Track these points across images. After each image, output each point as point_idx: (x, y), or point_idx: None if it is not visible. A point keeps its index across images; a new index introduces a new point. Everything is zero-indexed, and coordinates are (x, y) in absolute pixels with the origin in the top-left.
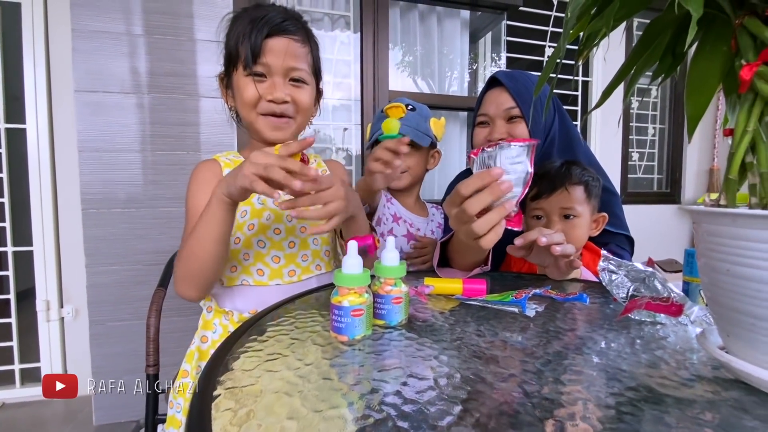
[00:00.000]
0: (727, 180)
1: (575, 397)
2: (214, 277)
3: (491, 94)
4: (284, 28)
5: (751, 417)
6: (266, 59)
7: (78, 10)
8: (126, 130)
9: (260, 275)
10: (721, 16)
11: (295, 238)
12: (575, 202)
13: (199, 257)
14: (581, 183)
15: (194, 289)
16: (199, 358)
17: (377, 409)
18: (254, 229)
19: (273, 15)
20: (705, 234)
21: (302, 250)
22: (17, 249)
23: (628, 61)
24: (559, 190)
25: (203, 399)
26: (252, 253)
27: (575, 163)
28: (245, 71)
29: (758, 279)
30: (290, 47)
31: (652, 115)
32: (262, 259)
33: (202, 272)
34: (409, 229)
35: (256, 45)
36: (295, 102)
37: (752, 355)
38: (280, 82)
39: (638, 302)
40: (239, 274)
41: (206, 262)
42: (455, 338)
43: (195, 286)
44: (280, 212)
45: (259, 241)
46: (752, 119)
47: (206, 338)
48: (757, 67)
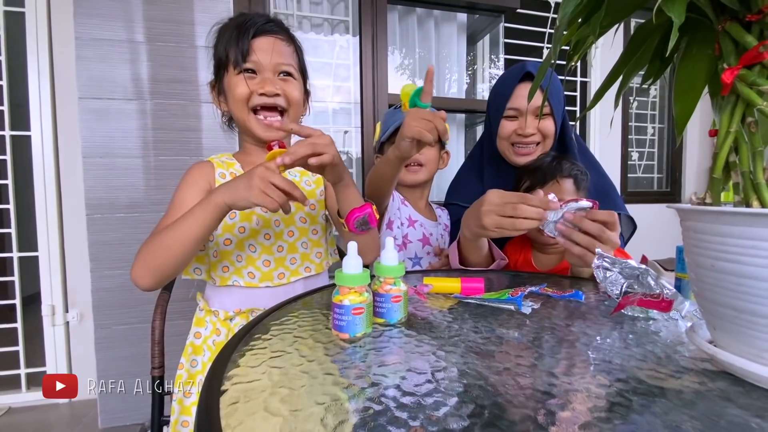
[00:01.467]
0: (712, 179)
1: (566, 388)
2: (176, 273)
3: (523, 88)
4: (269, 29)
5: (734, 406)
6: (255, 57)
7: (81, 18)
8: (129, 136)
9: (251, 278)
10: (706, 21)
11: (282, 243)
12: (566, 194)
13: (171, 251)
14: (571, 176)
15: (152, 280)
16: (193, 352)
17: (377, 401)
18: (245, 233)
19: (257, 18)
20: (691, 231)
21: (290, 254)
22: (23, 254)
23: (618, 64)
24: (551, 183)
25: (211, 393)
26: (244, 256)
27: (564, 157)
28: (236, 70)
29: (740, 274)
30: (276, 45)
31: (651, 114)
32: (254, 263)
33: (169, 266)
34: (424, 233)
35: (245, 44)
36: (286, 95)
37: (737, 347)
38: (270, 76)
39: (631, 298)
40: (231, 275)
41: (177, 257)
42: (453, 335)
43: (155, 278)
44: (267, 217)
45: (250, 245)
46: (734, 120)
47: (199, 334)
48: (738, 70)
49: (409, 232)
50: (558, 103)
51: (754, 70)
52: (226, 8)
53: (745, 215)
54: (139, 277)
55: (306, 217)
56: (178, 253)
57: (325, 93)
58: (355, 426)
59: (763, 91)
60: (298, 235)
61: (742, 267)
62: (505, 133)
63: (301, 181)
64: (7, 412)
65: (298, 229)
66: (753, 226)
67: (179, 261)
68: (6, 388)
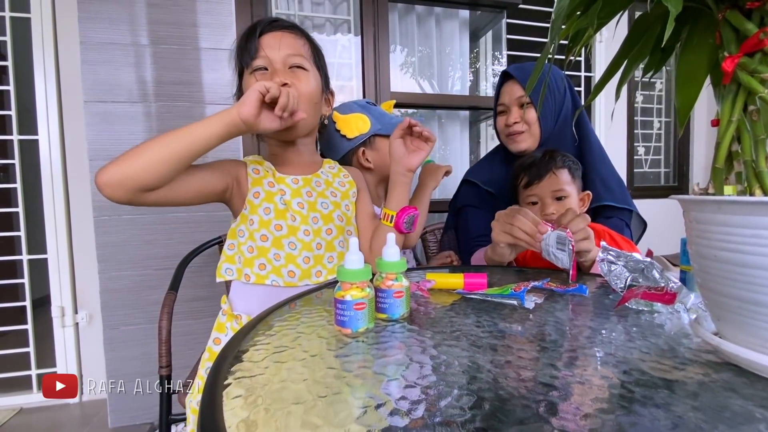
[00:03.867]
0: (714, 169)
1: (568, 380)
2: (151, 186)
3: (506, 86)
4: (276, 26)
5: (738, 396)
6: (264, 53)
7: (86, 23)
8: (134, 138)
9: (291, 276)
10: (706, 10)
11: (321, 240)
12: (564, 184)
13: (158, 154)
14: (565, 166)
15: (122, 190)
16: (209, 359)
17: (378, 394)
18: (283, 230)
19: (265, 19)
20: (694, 222)
21: (328, 252)
22: (32, 257)
23: (618, 56)
24: (548, 176)
25: (215, 388)
26: (283, 255)
27: (555, 150)
28: (248, 71)
29: (743, 263)
30: (284, 38)
31: (657, 108)
32: (294, 260)
33: (146, 173)
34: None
35: (252, 44)
36: (296, 87)
37: (741, 338)
38: (281, 69)
39: (635, 292)
40: (269, 273)
41: (161, 164)
42: (455, 329)
43: (126, 185)
44: (305, 214)
45: (290, 243)
46: (736, 109)
47: (219, 340)
48: (738, 58)
49: None
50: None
51: (755, 57)
52: (229, 10)
53: (747, 204)
54: (110, 184)
55: (342, 216)
56: (165, 159)
57: None
58: (358, 418)
59: (764, 79)
60: (335, 233)
61: (744, 257)
62: (500, 127)
63: (334, 182)
64: (19, 412)
65: (336, 227)
66: (754, 215)
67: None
68: (17, 389)
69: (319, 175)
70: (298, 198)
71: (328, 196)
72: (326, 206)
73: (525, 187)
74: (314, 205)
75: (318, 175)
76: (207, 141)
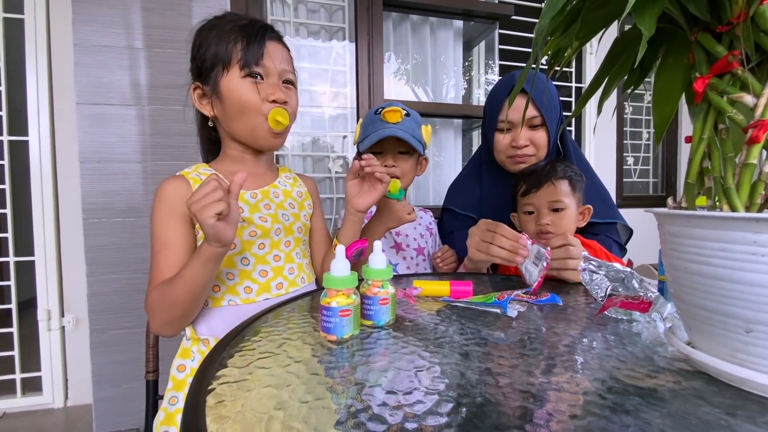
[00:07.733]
0: (687, 184)
1: (544, 387)
2: (195, 314)
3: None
4: (276, 36)
5: (707, 404)
6: (265, 61)
7: (79, 25)
8: (126, 141)
9: (248, 293)
10: (681, 32)
11: (279, 252)
12: (562, 195)
13: (185, 303)
14: (566, 177)
15: (176, 329)
16: (174, 388)
17: (359, 399)
18: (236, 248)
19: (260, 21)
20: (667, 234)
21: (288, 263)
22: (19, 259)
23: (599, 74)
24: (546, 185)
25: (199, 392)
26: (236, 273)
27: (558, 160)
28: (242, 72)
29: (713, 276)
30: (283, 52)
31: (646, 120)
32: (249, 276)
33: (187, 315)
34: (396, 239)
35: (259, 48)
36: (290, 105)
37: (711, 347)
38: (277, 83)
39: (614, 300)
40: (224, 294)
41: (193, 305)
42: (439, 336)
43: (177, 327)
44: (268, 227)
45: (243, 259)
46: (707, 128)
47: (183, 367)
48: (709, 79)
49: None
50: (552, 112)
51: (724, 79)
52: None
53: (715, 219)
54: (163, 331)
55: (302, 227)
56: (193, 302)
57: (323, 98)
58: (337, 423)
59: (733, 100)
60: (293, 245)
61: (714, 269)
62: (501, 147)
63: (292, 191)
64: (2, 417)
65: (294, 240)
66: (722, 229)
67: (197, 306)
68: (1, 393)
69: (276, 186)
70: (258, 213)
71: (287, 207)
72: (287, 218)
73: (522, 195)
74: (276, 217)
75: (275, 186)
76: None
